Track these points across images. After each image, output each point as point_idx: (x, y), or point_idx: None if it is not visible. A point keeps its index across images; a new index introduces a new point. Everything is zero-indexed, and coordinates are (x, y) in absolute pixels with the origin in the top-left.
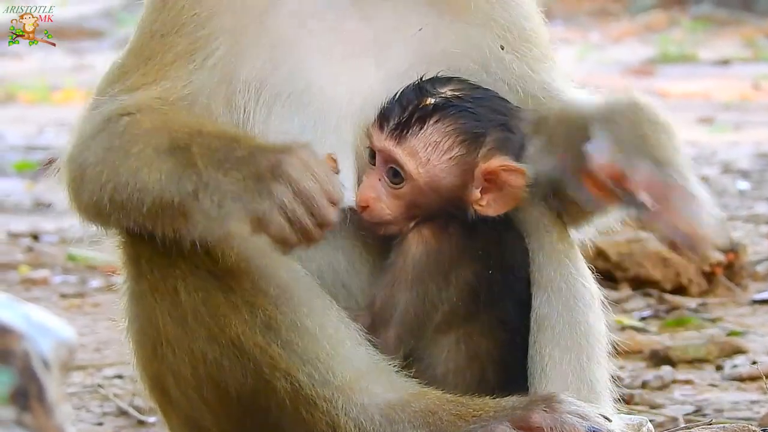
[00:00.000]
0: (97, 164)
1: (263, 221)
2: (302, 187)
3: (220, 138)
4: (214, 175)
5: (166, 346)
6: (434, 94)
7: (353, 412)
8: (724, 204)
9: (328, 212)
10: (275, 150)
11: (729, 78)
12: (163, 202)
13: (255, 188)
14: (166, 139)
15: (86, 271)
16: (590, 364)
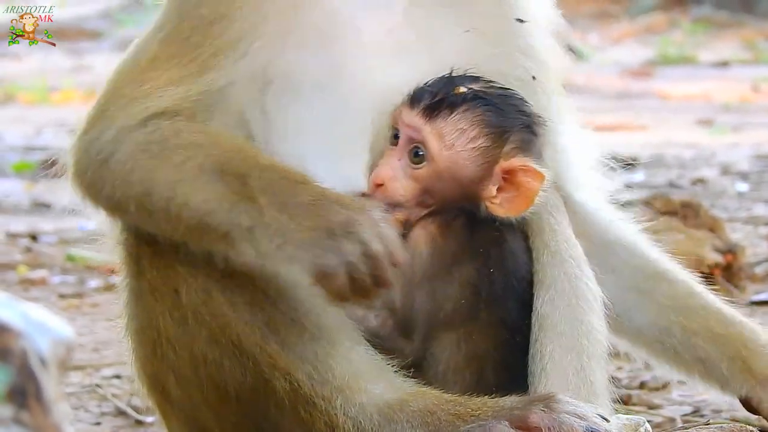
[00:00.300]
0: (126, 161)
1: (327, 275)
2: (371, 250)
3: (279, 174)
4: (278, 217)
5: (166, 346)
6: (461, 85)
7: (352, 411)
8: (723, 205)
9: (389, 276)
10: (345, 205)
11: (729, 80)
12: (205, 224)
13: (325, 243)
14: (213, 158)
15: (85, 271)
16: (591, 364)
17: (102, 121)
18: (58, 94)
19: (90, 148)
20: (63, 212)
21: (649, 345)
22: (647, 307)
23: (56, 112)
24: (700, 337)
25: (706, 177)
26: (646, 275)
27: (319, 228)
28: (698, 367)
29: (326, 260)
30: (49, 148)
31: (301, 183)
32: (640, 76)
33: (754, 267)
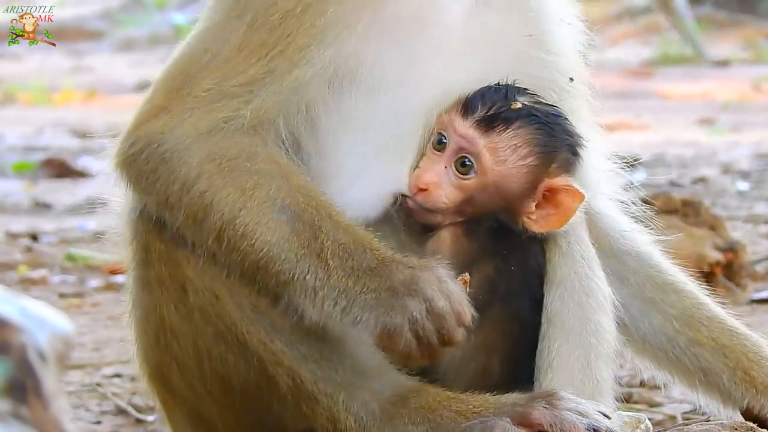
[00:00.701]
0: (192, 168)
1: (393, 335)
2: (436, 307)
3: (349, 236)
4: (344, 281)
5: (170, 336)
6: (517, 100)
7: (354, 408)
8: (724, 204)
9: (456, 334)
10: (409, 264)
11: (728, 79)
12: (263, 264)
13: (389, 302)
14: (283, 194)
15: (85, 270)
16: (597, 362)
17: (170, 115)
18: (58, 95)
19: (152, 140)
20: (63, 212)
21: (654, 354)
22: (654, 316)
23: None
24: (703, 347)
25: (707, 176)
26: (655, 285)
27: (382, 288)
28: (700, 377)
29: (390, 319)
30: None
31: (370, 249)
32: (641, 76)
33: (755, 265)
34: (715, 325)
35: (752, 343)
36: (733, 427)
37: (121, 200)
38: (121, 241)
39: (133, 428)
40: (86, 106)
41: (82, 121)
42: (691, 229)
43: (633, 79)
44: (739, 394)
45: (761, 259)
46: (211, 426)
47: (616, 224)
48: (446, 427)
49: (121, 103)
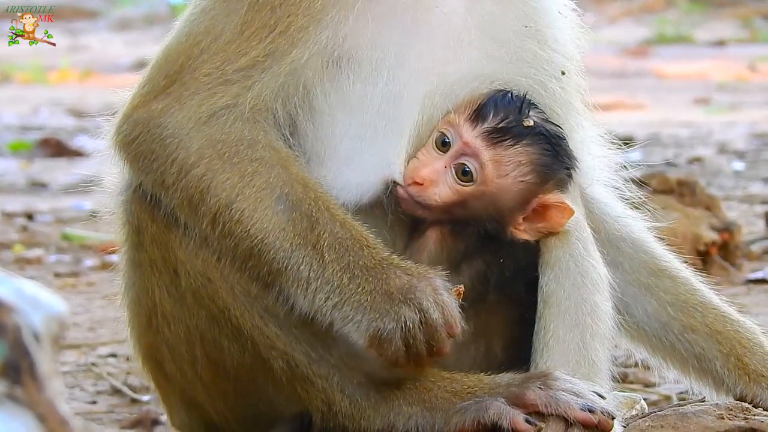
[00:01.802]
0: (192, 152)
1: (383, 340)
2: (429, 318)
3: (347, 231)
4: (339, 276)
5: (161, 320)
6: (530, 117)
7: (349, 389)
8: (720, 184)
9: (445, 346)
10: (407, 270)
11: (725, 59)
12: (257, 251)
13: (383, 307)
14: (282, 183)
15: (80, 250)
16: (593, 343)
17: (170, 99)
18: (54, 74)
19: (151, 123)
20: (59, 191)
21: (648, 340)
22: (648, 303)
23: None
24: (697, 333)
25: (703, 156)
26: (650, 271)
27: (378, 291)
28: (693, 364)
29: (383, 324)
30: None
31: (366, 246)
32: (637, 55)
33: (750, 245)
34: (709, 311)
35: (746, 330)
36: (728, 408)
37: (115, 180)
38: (114, 221)
39: (129, 408)
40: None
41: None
42: (687, 210)
43: (629, 58)
44: (732, 381)
45: (757, 239)
46: (203, 411)
47: (610, 210)
48: (441, 407)
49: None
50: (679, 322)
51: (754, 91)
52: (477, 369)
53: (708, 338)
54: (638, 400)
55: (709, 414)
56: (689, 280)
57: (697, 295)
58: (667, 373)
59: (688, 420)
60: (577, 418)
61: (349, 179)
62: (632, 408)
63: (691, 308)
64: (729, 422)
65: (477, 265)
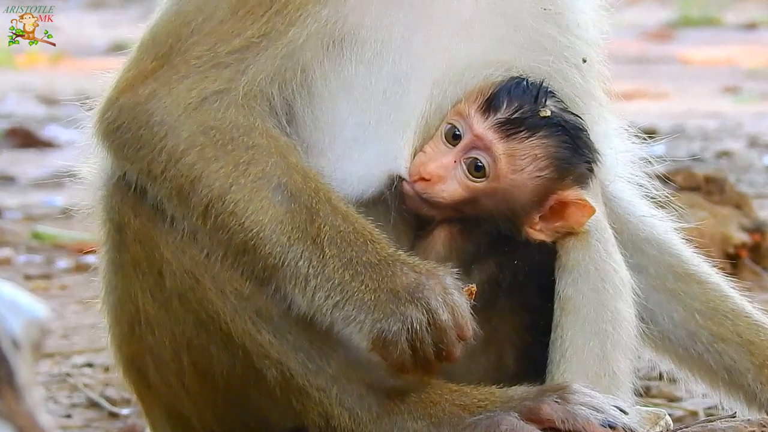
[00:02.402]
0: (182, 140)
1: (387, 343)
2: (438, 320)
3: (349, 225)
4: (341, 273)
5: (145, 326)
6: (546, 107)
7: (348, 402)
8: (750, 180)
9: (455, 350)
10: (414, 267)
11: (756, 43)
12: (251, 245)
13: (388, 306)
14: (280, 173)
15: (53, 250)
16: (615, 353)
17: (158, 83)
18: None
19: (138, 109)
20: (28, 186)
21: (674, 351)
22: (675, 310)
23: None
24: (727, 343)
25: (732, 149)
26: (676, 276)
27: (382, 289)
28: (723, 376)
29: (388, 325)
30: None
31: (371, 240)
32: (660, 39)
33: None
34: (741, 319)
35: None
36: (761, 424)
37: (93, 173)
38: (93, 219)
39: (107, 422)
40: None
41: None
42: (715, 208)
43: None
44: (765, 395)
45: None
46: (189, 426)
47: (634, 209)
48: (448, 422)
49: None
50: (708, 330)
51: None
52: (488, 381)
53: (739, 348)
54: (663, 416)
55: (740, 431)
56: (719, 285)
57: (728, 301)
58: (694, 386)
59: None
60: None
61: (350, 171)
62: (656, 424)
63: (722, 316)
64: None
65: (488, 267)
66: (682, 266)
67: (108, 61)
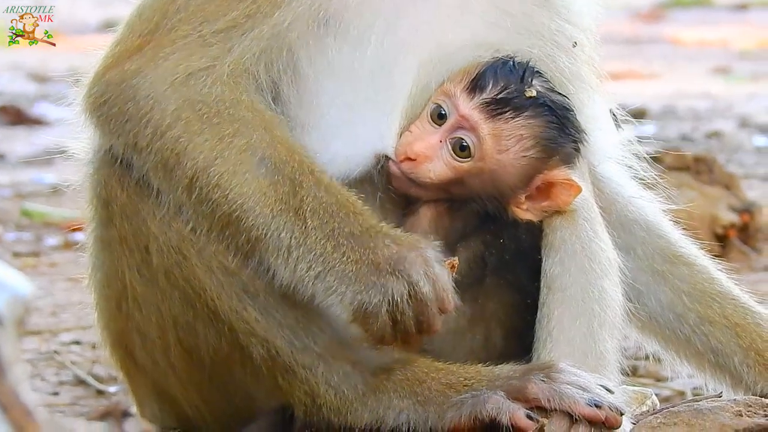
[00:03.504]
0: (167, 113)
1: (368, 314)
2: (419, 292)
3: (333, 197)
4: (323, 244)
5: (132, 304)
6: (532, 86)
7: (334, 380)
8: (740, 161)
9: (435, 323)
10: (396, 239)
11: (747, 24)
12: (235, 217)
13: (369, 278)
14: (265, 145)
15: (42, 227)
16: (601, 332)
17: (144, 59)
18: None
19: (124, 84)
20: (18, 163)
21: (661, 332)
22: (662, 291)
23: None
24: (714, 325)
25: (722, 130)
26: (665, 258)
27: (364, 261)
28: (710, 358)
29: (368, 297)
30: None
31: (353, 212)
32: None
33: None
34: (728, 302)
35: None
36: (747, 404)
37: (82, 150)
38: (82, 195)
39: (94, 400)
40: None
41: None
42: (704, 188)
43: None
44: (751, 378)
45: None
46: (175, 404)
47: (623, 190)
48: (435, 400)
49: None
50: (696, 313)
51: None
52: (474, 360)
53: (726, 331)
54: (649, 395)
55: (726, 411)
56: (707, 268)
57: (716, 284)
58: (680, 367)
59: (704, 417)
60: (583, 414)
61: (336, 151)
62: (643, 403)
63: (709, 298)
64: (748, 419)
65: (475, 246)
66: (670, 248)
67: (101, 39)
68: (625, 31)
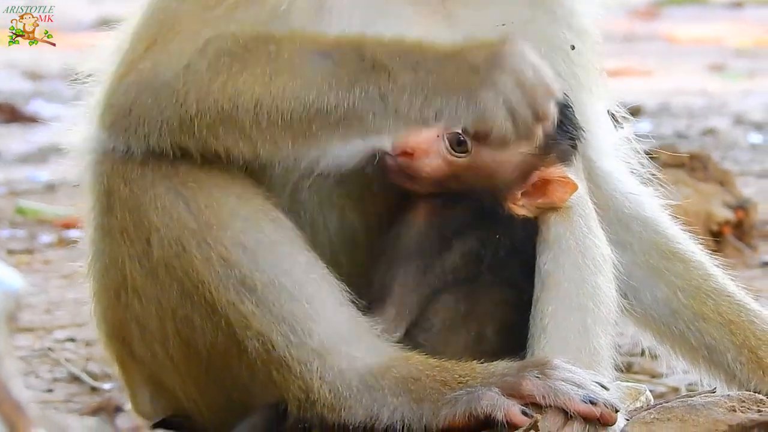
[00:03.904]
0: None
1: (488, 115)
2: (525, 78)
3: (397, 42)
4: (413, 77)
5: (131, 294)
6: None
7: (329, 376)
8: (735, 158)
9: (548, 105)
10: (481, 45)
11: (743, 21)
12: (313, 112)
13: (475, 80)
14: (310, 44)
15: (36, 225)
16: (595, 328)
17: (156, 54)
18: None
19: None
20: (13, 161)
21: (656, 327)
22: (658, 287)
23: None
24: (709, 322)
25: (717, 127)
26: (661, 254)
27: (462, 70)
28: (704, 354)
29: (483, 97)
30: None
31: (425, 45)
32: (647, 17)
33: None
34: (723, 299)
35: (762, 321)
36: (740, 400)
37: (80, 142)
38: (79, 191)
39: (88, 397)
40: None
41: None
42: (699, 185)
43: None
44: (744, 375)
45: None
46: (172, 396)
47: (621, 186)
48: (429, 398)
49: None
50: (690, 309)
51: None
52: (468, 356)
53: (720, 328)
54: (643, 391)
55: (720, 406)
56: (703, 264)
57: (711, 281)
58: (675, 363)
59: (697, 412)
60: (578, 411)
61: None
62: (636, 399)
63: (704, 295)
64: (741, 415)
65: (470, 242)
66: (667, 244)
67: (95, 36)
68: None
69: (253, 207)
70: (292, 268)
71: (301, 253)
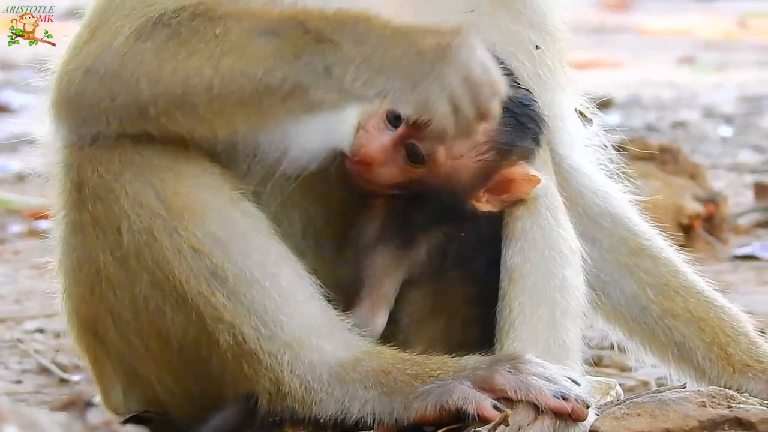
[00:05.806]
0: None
1: (430, 107)
2: (472, 74)
3: (344, 15)
4: (359, 50)
5: (105, 285)
6: None
7: (300, 369)
8: (705, 151)
9: (493, 104)
10: (433, 30)
11: (713, 14)
12: (263, 87)
13: (422, 67)
14: (258, 21)
15: (5, 215)
16: (564, 321)
17: (101, 40)
18: None
19: (92, 67)
20: None
21: (625, 323)
22: (627, 284)
23: None
24: (678, 319)
25: (687, 119)
26: (630, 249)
27: (410, 54)
28: (673, 351)
29: (426, 86)
30: None
31: (371, 18)
32: (617, 9)
33: (738, 218)
34: (692, 295)
35: (731, 317)
36: (711, 395)
37: (49, 135)
38: (49, 183)
39: (57, 388)
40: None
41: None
42: (669, 178)
43: (608, 12)
44: (714, 372)
45: (745, 211)
46: (147, 386)
47: (589, 182)
48: (401, 391)
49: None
50: (659, 306)
51: (743, 49)
52: (435, 349)
53: (690, 325)
54: (613, 386)
55: (691, 401)
56: (672, 260)
57: (680, 277)
58: (645, 357)
59: (668, 408)
60: (549, 406)
61: (293, 144)
62: (607, 394)
63: (673, 292)
64: (712, 410)
65: (435, 237)
66: (636, 240)
67: (66, 26)
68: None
69: (224, 197)
70: (264, 260)
71: (273, 245)
